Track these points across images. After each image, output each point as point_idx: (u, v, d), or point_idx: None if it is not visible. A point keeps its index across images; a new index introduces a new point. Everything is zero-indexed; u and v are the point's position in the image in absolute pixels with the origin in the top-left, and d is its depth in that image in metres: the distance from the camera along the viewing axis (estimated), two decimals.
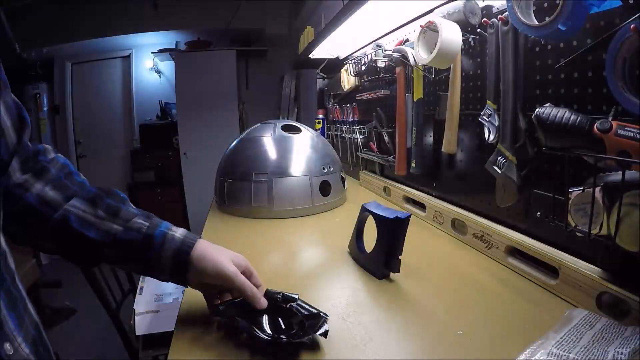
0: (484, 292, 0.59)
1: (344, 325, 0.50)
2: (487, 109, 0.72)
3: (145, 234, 0.48)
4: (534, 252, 0.62)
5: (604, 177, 0.47)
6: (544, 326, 0.47)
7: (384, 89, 1.23)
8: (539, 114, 0.51)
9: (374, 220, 0.66)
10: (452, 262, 0.71)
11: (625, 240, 0.44)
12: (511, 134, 0.67)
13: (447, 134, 0.86)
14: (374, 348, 0.46)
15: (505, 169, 0.69)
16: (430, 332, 0.49)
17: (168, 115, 3.45)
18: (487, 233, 0.73)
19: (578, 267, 0.53)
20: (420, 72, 0.96)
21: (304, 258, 0.78)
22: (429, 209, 0.95)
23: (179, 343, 0.47)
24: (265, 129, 1.15)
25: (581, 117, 0.47)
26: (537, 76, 0.64)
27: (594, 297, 0.50)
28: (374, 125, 1.30)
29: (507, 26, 0.65)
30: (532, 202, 0.66)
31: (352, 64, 1.42)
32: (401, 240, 0.62)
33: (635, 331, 0.42)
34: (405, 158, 1.06)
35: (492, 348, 0.45)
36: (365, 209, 0.70)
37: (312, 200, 1.05)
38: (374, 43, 1.22)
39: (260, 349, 0.45)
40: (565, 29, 0.50)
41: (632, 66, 0.43)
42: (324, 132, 1.83)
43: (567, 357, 0.40)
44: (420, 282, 0.63)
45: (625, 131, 0.42)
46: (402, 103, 1.04)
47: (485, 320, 0.51)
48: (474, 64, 0.81)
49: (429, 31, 0.83)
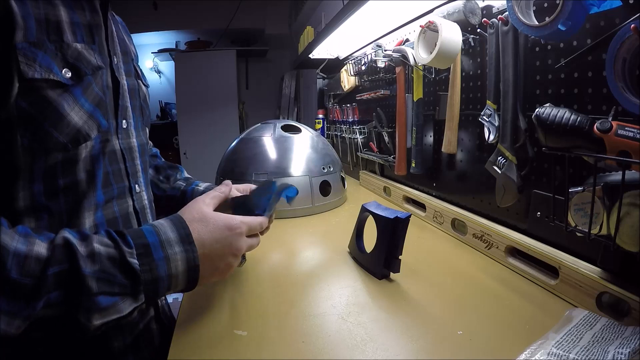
0: (484, 292, 0.59)
1: (344, 325, 0.50)
2: (487, 109, 0.72)
3: (182, 191, 0.73)
4: (534, 252, 0.62)
5: (604, 177, 0.47)
6: (544, 326, 0.47)
7: (384, 89, 1.22)
8: (539, 114, 0.51)
9: (374, 220, 0.66)
10: (452, 262, 0.71)
11: (625, 240, 0.44)
12: (511, 134, 0.67)
13: (447, 134, 0.86)
14: (374, 348, 0.46)
15: (505, 169, 0.69)
16: (430, 332, 0.49)
17: (168, 115, 3.45)
18: (487, 233, 0.73)
19: (578, 267, 0.53)
20: (420, 72, 0.96)
21: (304, 258, 0.78)
22: (429, 209, 0.95)
23: (179, 343, 0.47)
24: (265, 129, 1.15)
25: (581, 117, 0.47)
26: (537, 76, 0.64)
27: (594, 297, 0.50)
28: (374, 125, 1.30)
29: (507, 26, 0.65)
30: (532, 202, 0.66)
31: (352, 64, 1.42)
32: (401, 240, 0.62)
33: (635, 331, 0.42)
34: (405, 158, 1.06)
35: (492, 348, 0.45)
36: (365, 209, 0.70)
37: (312, 200, 1.05)
38: (374, 43, 1.22)
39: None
40: (565, 29, 0.50)
41: (632, 66, 0.43)
42: (324, 132, 1.83)
43: (567, 357, 0.40)
44: (420, 282, 0.63)
45: (625, 131, 0.42)
46: (402, 103, 1.04)
47: (485, 320, 0.51)
48: (474, 64, 0.81)
49: (429, 31, 0.83)
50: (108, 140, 0.48)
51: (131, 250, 0.40)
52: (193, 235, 0.44)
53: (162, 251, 0.42)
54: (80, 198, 0.44)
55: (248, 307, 0.56)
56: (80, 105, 0.42)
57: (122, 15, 0.63)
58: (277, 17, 3.02)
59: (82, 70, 0.43)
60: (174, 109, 3.29)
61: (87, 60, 0.44)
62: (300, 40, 1.94)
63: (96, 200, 0.46)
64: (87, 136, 0.44)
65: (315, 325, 0.51)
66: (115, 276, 0.38)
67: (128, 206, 0.53)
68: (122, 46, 0.55)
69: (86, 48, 0.44)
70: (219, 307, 0.56)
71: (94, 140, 0.45)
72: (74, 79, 0.42)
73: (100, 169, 0.47)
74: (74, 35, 0.43)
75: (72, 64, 0.42)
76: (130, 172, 0.53)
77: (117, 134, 0.50)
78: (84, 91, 0.43)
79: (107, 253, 0.38)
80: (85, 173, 0.45)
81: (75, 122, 0.42)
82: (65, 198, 0.43)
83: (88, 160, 0.45)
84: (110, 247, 0.39)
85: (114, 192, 0.50)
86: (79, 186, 0.44)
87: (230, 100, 2.98)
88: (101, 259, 0.38)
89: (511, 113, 0.67)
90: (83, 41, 0.44)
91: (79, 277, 0.36)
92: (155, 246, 0.41)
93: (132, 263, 0.39)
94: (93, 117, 0.44)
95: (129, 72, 0.56)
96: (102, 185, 0.47)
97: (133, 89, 0.56)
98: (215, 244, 0.46)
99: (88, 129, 0.44)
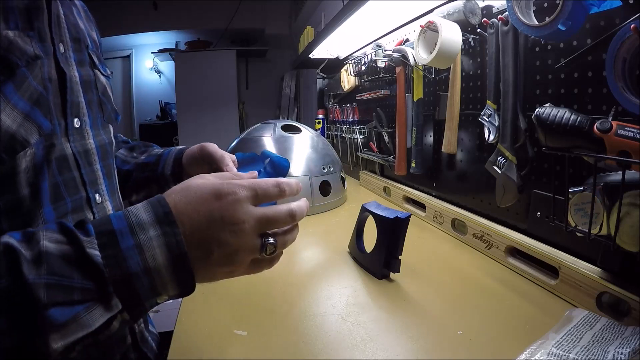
0: (484, 292, 0.59)
1: (344, 325, 0.50)
2: (487, 109, 0.72)
3: (158, 155, 0.65)
4: (534, 252, 0.62)
5: (604, 177, 0.47)
6: (544, 326, 0.47)
7: (384, 89, 1.22)
8: (539, 114, 0.51)
9: (374, 220, 0.66)
10: (452, 262, 0.71)
11: (625, 240, 0.44)
12: (511, 134, 0.67)
13: (447, 134, 0.86)
14: (374, 348, 0.46)
15: (505, 169, 0.69)
16: (430, 332, 0.49)
17: (168, 115, 3.45)
18: (487, 233, 0.73)
19: (578, 267, 0.53)
20: (420, 72, 0.96)
21: (304, 258, 0.78)
22: (429, 209, 0.95)
23: (179, 343, 0.47)
24: (265, 129, 1.15)
25: (581, 117, 0.47)
26: (537, 76, 0.64)
27: (594, 297, 0.50)
28: (374, 125, 1.30)
29: (507, 26, 0.65)
30: (532, 202, 0.66)
31: (352, 64, 1.42)
32: (401, 240, 0.62)
33: (635, 331, 0.42)
34: (405, 158, 1.06)
35: (492, 348, 0.45)
36: (365, 209, 0.70)
37: (312, 200, 1.05)
38: (374, 43, 1.22)
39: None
40: (565, 29, 0.50)
41: (632, 66, 0.43)
42: (324, 132, 1.83)
43: (567, 357, 0.40)
44: (420, 282, 0.63)
45: (625, 131, 0.42)
46: (402, 103, 1.04)
47: (485, 320, 0.51)
48: (474, 64, 0.81)
49: (429, 31, 0.83)
50: (54, 144, 0.39)
51: (90, 239, 0.30)
52: (173, 213, 0.32)
53: (131, 238, 0.31)
54: (25, 218, 0.36)
55: (248, 307, 0.56)
56: (13, 105, 0.34)
57: (122, 15, 0.61)
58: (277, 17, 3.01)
59: (14, 61, 0.35)
60: (174, 109, 3.29)
61: (20, 50, 0.36)
62: (300, 40, 1.94)
63: (44, 218, 0.38)
64: (24, 142, 0.35)
65: (315, 325, 0.51)
66: (72, 278, 0.28)
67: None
68: (72, 32, 0.46)
69: (20, 35, 0.36)
70: (219, 307, 0.56)
71: (34, 147, 0.37)
72: (3, 73, 0.34)
73: (46, 181, 0.38)
74: (5, 22, 0.35)
75: (2, 56, 0.34)
76: (87, 180, 0.44)
77: (67, 136, 0.42)
78: (17, 87, 0.35)
79: (59, 250, 0.29)
80: (29, 187, 0.36)
81: (7, 126, 0.33)
82: (8, 222, 0.35)
83: (30, 172, 0.37)
84: (63, 243, 0.30)
85: (67, 207, 0.41)
86: (22, 205, 0.36)
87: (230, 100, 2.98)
88: (49, 258, 0.28)
89: (511, 113, 0.67)
90: (17, 27, 0.36)
91: (24, 289, 0.27)
92: (123, 232, 0.31)
93: (92, 255, 0.29)
94: (30, 117, 0.36)
95: (82, 62, 0.47)
96: (51, 200, 0.39)
97: (87, 81, 0.47)
98: (197, 217, 0.33)
99: (25, 133, 0.35)
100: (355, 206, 0.78)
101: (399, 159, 1.08)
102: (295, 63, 2.25)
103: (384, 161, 1.24)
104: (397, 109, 1.06)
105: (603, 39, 0.51)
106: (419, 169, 1.00)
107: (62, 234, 0.30)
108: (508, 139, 0.68)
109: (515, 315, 0.52)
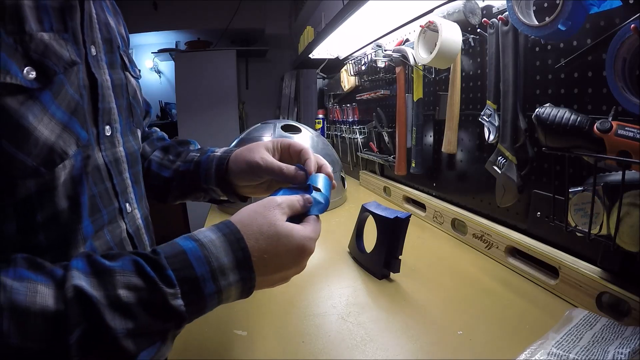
0: (484, 292, 0.59)
1: (344, 325, 0.50)
2: (487, 109, 0.72)
3: (196, 162, 0.58)
4: (534, 252, 0.62)
5: (604, 177, 0.47)
6: (544, 326, 0.47)
7: (384, 89, 1.23)
8: (539, 114, 0.51)
9: (374, 220, 0.66)
10: (452, 262, 0.71)
11: (625, 240, 0.44)
12: (511, 134, 0.67)
13: (447, 134, 0.86)
14: (374, 348, 0.46)
15: (505, 169, 0.69)
16: (430, 332, 0.49)
17: (168, 115, 3.45)
18: (487, 233, 0.73)
19: (578, 267, 0.53)
20: (420, 72, 0.96)
21: None
22: (429, 209, 0.95)
23: (179, 343, 0.47)
24: (265, 129, 1.15)
25: (581, 117, 0.47)
26: (537, 76, 0.64)
27: (594, 297, 0.50)
28: (374, 125, 1.30)
29: (507, 26, 0.65)
30: (532, 202, 0.66)
31: (352, 64, 1.42)
32: (401, 240, 0.62)
33: (635, 331, 0.42)
34: (405, 158, 1.06)
35: (492, 348, 0.45)
36: (365, 209, 0.70)
37: None
38: (374, 43, 1.22)
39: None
40: (565, 29, 0.50)
41: (632, 66, 0.43)
42: (324, 132, 1.83)
43: (567, 357, 0.40)
44: (420, 282, 0.63)
45: (625, 131, 0.42)
46: (402, 103, 1.04)
47: (485, 320, 0.51)
48: (474, 64, 0.81)
49: (429, 31, 0.83)
50: (89, 155, 0.38)
51: (174, 291, 0.30)
52: (253, 258, 0.34)
53: (213, 285, 0.32)
54: (64, 232, 0.35)
55: (248, 307, 0.56)
56: (50, 115, 0.32)
57: (122, 15, 0.58)
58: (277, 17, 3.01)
59: (51, 68, 0.32)
60: (174, 109, 3.28)
61: (57, 55, 0.33)
62: (300, 40, 1.94)
63: (83, 233, 0.37)
64: (63, 154, 0.33)
65: (315, 325, 0.51)
66: (156, 324, 0.30)
67: (121, 231, 0.43)
68: (104, 32, 0.43)
69: (56, 38, 0.33)
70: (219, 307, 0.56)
71: (73, 158, 0.35)
72: (40, 80, 0.31)
73: (85, 193, 0.37)
74: (40, 23, 0.32)
75: (37, 61, 0.31)
76: (119, 190, 0.43)
77: (98, 145, 0.40)
78: (55, 96, 0.33)
79: (141, 300, 0.29)
80: (67, 201, 0.35)
81: (45, 137, 0.31)
82: (45, 235, 0.33)
83: (69, 185, 0.35)
84: (143, 290, 0.29)
85: (104, 219, 0.40)
86: (60, 219, 0.35)
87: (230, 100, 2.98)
88: (132, 310, 0.28)
89: (511, 113, 0.67)
90: (52, 29, 0.33)
91: (109, 336, 0.27)
92: (206, 279, 0.32)
93: (177, 306, 0.30)
94: (69, 128, 0.34)
95: (114, 64, 0.45)
96: (89, 213, 0.38)
97: (119, 85, 0.45)
98: (276, 265, 0.36)
99: (64, 144, 0.33)
100: (355, 206, 0.78)
101: (399, 159, 1.08)
102: (295, 63, 2.25)
103: (384, 161, 1.24)
104: (397, 109, 1.06)
105: (603, 39, 0.51)
106: (419, 169, 1.00)
107: (142, 279, 0.30)
108: (508, 139, 0.68)
109: (515, 315, 0.52)
